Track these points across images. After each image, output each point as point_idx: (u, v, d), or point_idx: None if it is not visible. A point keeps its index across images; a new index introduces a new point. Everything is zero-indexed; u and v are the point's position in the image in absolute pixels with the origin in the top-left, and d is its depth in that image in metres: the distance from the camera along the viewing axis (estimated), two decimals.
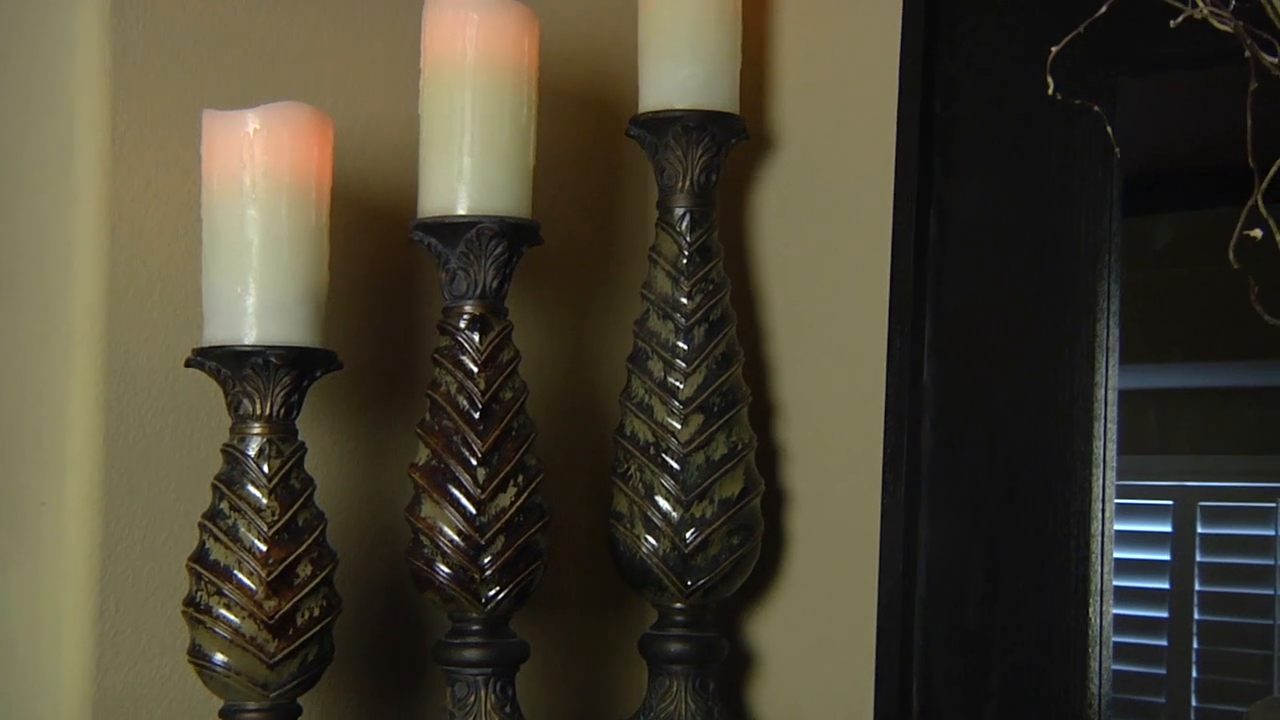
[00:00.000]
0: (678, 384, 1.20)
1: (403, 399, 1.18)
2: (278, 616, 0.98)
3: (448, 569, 1.07)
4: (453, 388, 1.08)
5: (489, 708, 1.08)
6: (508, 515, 1.07)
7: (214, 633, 0.98)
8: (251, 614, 0.97)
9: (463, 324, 1.09)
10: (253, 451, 0.99)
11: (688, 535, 1.19)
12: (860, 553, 1.23)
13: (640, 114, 1.23)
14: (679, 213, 1.23)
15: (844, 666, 1.25)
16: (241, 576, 0.98)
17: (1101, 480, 1.12)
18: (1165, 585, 1.19)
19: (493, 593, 1.07)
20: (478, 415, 1.07)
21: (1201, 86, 1.13)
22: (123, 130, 1.07)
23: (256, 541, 0.98)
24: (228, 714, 1.00)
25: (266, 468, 0.99)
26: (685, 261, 1.22)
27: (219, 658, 0.98)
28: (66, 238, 1.08)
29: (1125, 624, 1.15)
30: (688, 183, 1.22)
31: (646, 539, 1.20)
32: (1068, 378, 1.13)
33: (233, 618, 0.97)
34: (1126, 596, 1.16)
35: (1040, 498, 1.14)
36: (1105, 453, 1.12)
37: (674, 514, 1.20)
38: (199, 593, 0.99)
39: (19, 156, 1.13)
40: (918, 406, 1.19)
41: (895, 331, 1.20)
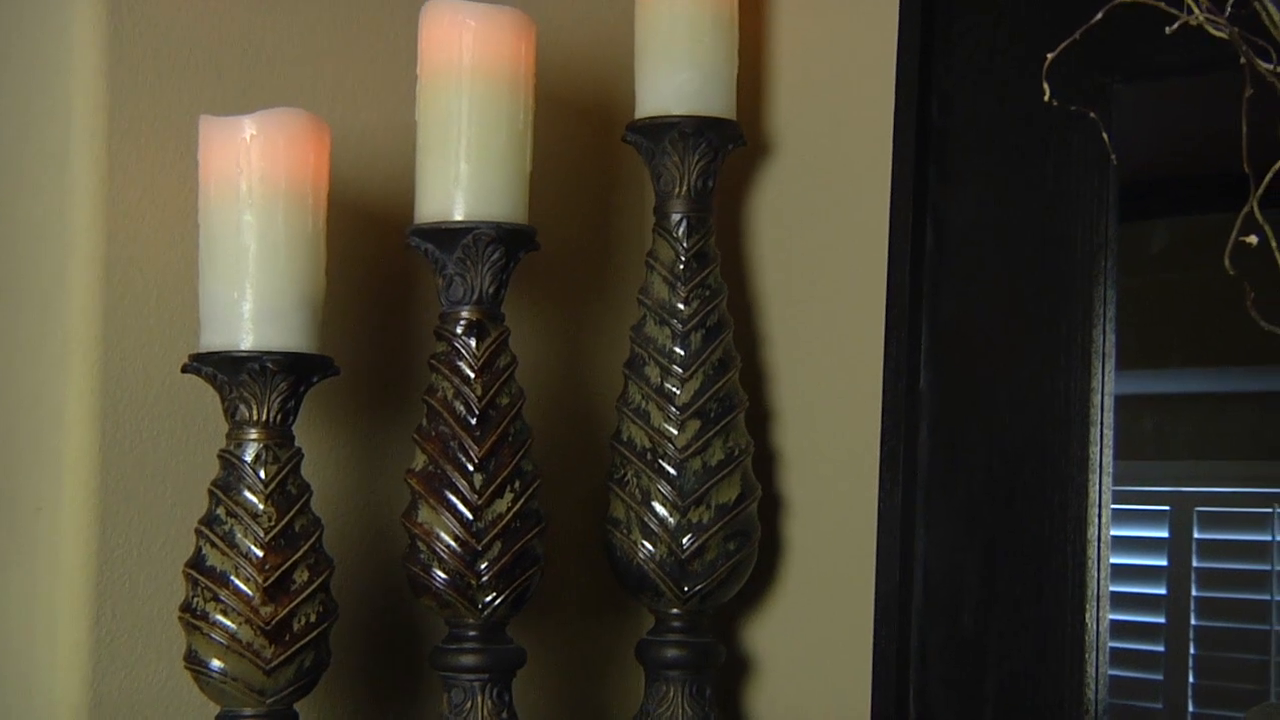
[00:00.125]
0: (675, 389, 1.21)
1: (399, 404, 1.18)
2: (274, 622, 0.98)
3: (444, 575, 1.07)
4: (449, 393, 1.08)
5: (486, 713, 1.08)
6: (504, 521, 1.07)
7: (210, 638, 0.98)
8: (248, 620, 0.97)
9: (459, 329, 1.09)
10: (249, 457, 0.99)
11: (684, 541, 1.19)
12: (857, 558, 1.23)
13: (637, 120, 1.23)
14: (676, 218, 1.23)
15: (841, 672, 1.25)
16: (238, 582, 0.98)
17: (1098, 485, 1.12)
18: (1162, 591, 1.19)
19: (489, 598, 1.07)
20: (474, 421, 1.07)
21: (1197, 92, 1.14)
22: (119, 135, 1.07)
23: (253, 547, 0.98)
24: None
25: (263, 473, 0.99)
26: (682, 267, 1.22)
27: (215, 663, 0.98)
28: (63, 243, 1.08)
29: (1122, 629, 1.15)
30: (684, 188, 1.22)
31: (643, 544, 1.20)
32: (1064, 383, 1.13)
33: (229, 623, 0.97)
34: (1123, 602, 1.16)
35: (1037, 503, 1.14)
36: (1102, 458, 1.12)
37: (671, 519, 1.20)
38: (195, 598, 0.99)
39: (16, 161, 1.13)
40: (914, 412, 1.19)
41: (892, 337, 1.20)
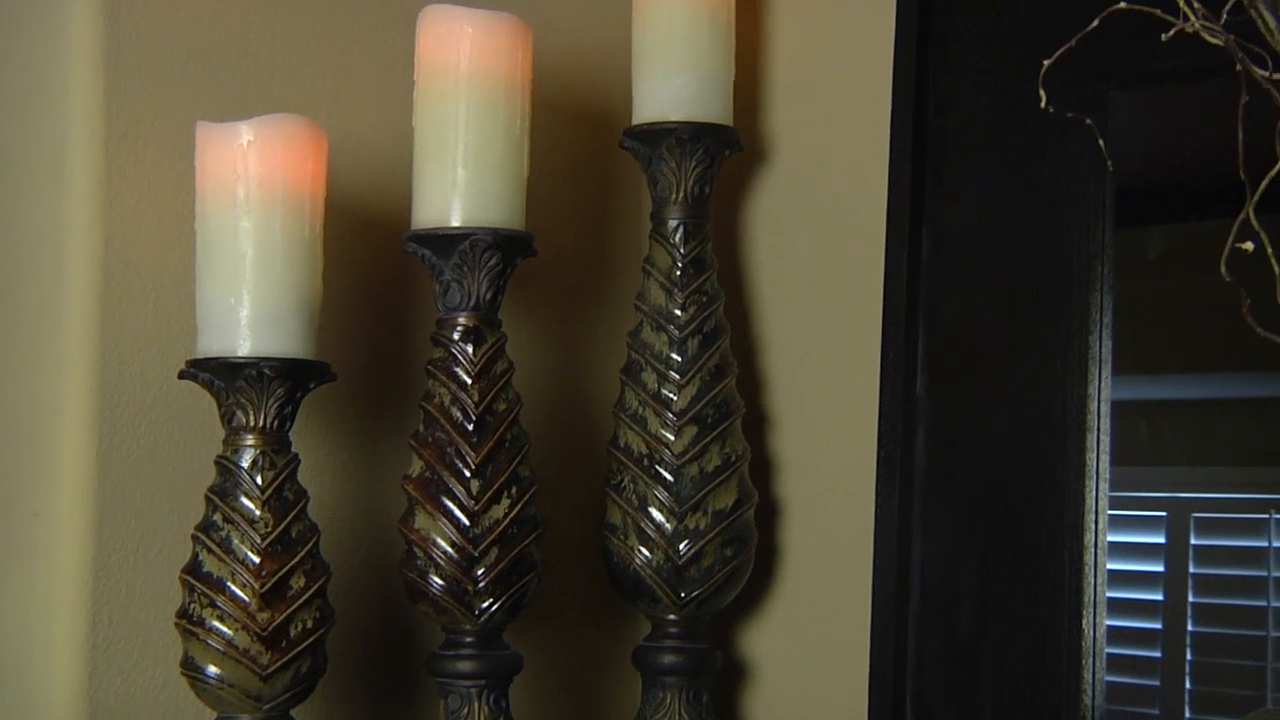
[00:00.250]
0: (671, 395, 1.21)
1: (396, 410, 1.18)
2: (271, 628, 0.98)
3: (441, 581, 1.07)
4: (446, 399, 1.08)
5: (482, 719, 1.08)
6: (501, 527, 1.07)
7: (207, 645, 0.98)
8: (244, 626, 0.97)
9: (456, 335, 1.09)
10: (246, 463, 0.99)
11: (681, 547, 1.19)
12: (854, 564, 1.23)
13: (634, 126, 1.23)
14: (673, 224, 1.23)
15: (838, 678, 1.25)
16: (234, 588, 0.98)
17: (1095, 492, 1.12)
18: (1159, 597, 1.20)
19: (486, 604, 1.07)
20: (471, 427, 1.07)
21: (1193, 99, 1.14)
22: (117, 140, 1.07)
23: (249, 553, 0.98)
24: None
25: (260, 479, 0.99)
26: (679, 273, 1.22)
27: (212, 670, 0.98)
28: (60, 249, 1.08)
29: (1119, 635, 1.16)
30: (681, 194, 1.23)
31: (640, 551, 1.20)
32: (1061, 389, 1.13)
33: (226, 630, 0.97)
34: (1120, 608, 1.16)
35: (1034, 509, 1.14)
36: (1098, 464, 1.12)
37: (667, 525, 1.20)
38: (192, 604, 0.98)
39: (13, 167, 1.13)
40: (911, 418, 1.19)
41: (889, 343, 1.20)
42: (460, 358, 1.08)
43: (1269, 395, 1.16)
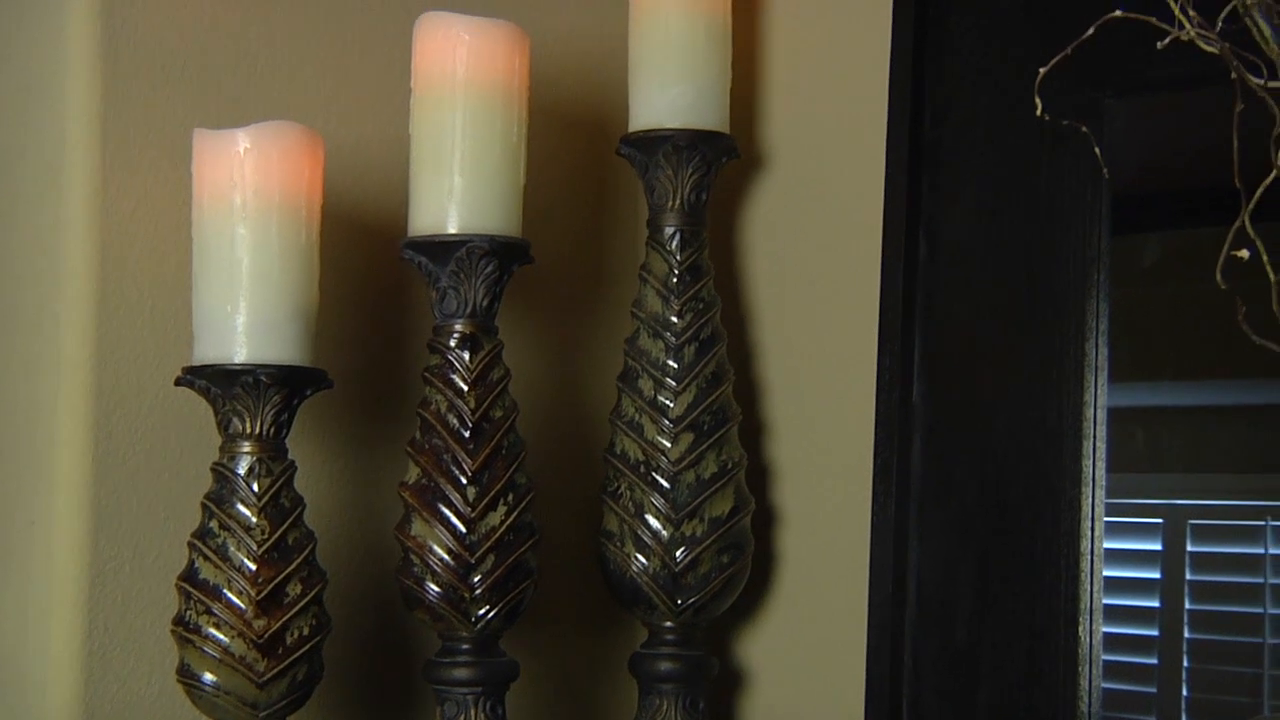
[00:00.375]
0: (668, 402, 1.21)
1: (393, 417, 1.18)
2: (267, 636, 0.98)
3: (438, 588, 1.07)
4: (443, 406, 1.08)
5: None
6: (498, 534, 1.07)
7: (203, 652, 0.98)
8: (241, 633, 0.97)
9: (453, 342, 1.09)
10: (242, 470, 0.99)
11: (678, 554, 1.19)
12: (850, 571, 1.23)
13: (631, 133, 1.24)
14: (669, 231, 1.23)
15: (834, 684, 1.25)
16: (231, 595, 0.97)
17: (1091, 498, 1.12)
18: (1155, 603, 1.20)
19: (483, 611, 1.07)
20: (468, 434, 1.07)
21: (1189, 107, 1.14)
22: (113, 148, 1.07)
23: (246, 560, 0.98)
24: None
25: (256, 486, 0.99)
26: (675, 280, 1.22)
27: (208, 677, 0.98)
28: (57, 256, 1.08)
29: (1115, 642, 1.16)
30: (678, 202, 1.23)
31: (637, 558, 1.20)
32: (1057, 396, 1.13)
33: (222, 637, 0.97)
34: (1116, 614, 1.16)
35: (1030, 516, 1.14)
36: (1095, 471, 1.12)
37: (664, 533, 1.20)
38: (188, 612, 0.98)
39: (9, 173, 1.13)
40: (908, 425, 1.19)
41: (885, 350, 1.20)
42: (457, 365, 1.08)
43: (1265, 402, 1.16)
